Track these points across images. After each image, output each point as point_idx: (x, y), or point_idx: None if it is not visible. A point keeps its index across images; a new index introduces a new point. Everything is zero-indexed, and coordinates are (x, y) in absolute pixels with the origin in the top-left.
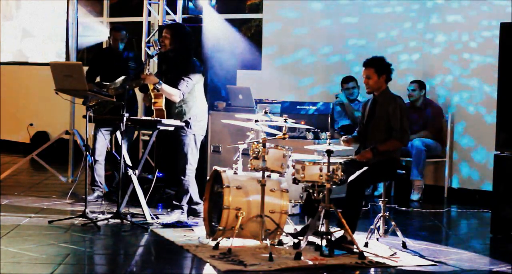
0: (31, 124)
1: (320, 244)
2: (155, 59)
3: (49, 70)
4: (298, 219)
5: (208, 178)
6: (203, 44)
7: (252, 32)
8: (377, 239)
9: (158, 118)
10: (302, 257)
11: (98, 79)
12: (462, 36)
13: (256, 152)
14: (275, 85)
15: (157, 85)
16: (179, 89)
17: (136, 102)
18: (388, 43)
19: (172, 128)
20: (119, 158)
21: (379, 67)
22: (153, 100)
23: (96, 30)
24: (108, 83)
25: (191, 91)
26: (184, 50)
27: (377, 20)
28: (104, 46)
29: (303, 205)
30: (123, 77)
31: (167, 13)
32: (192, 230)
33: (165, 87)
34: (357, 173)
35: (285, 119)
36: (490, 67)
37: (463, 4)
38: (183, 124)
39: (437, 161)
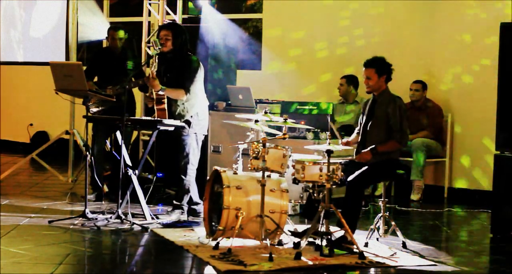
0: (31, 124)
1: (320, 244)
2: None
3: (49, 70)
4: (298, 219)
5: (208, 178)
6: (203, 44)
7: (251, 32)
8: (377, 239)
9: (158, 118)
10: (302, 257)
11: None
12: (464, 35)
13: (256, 152)
14: (275, 85)
15: (160, 91)
16: (183, 88)
17: (134, 103)
18: (389, 43)
19: (172, 129)
20: (119, 158)
21: (379, 67)
22: (155, 99)
23: (96, 28)
24: (107, 84)
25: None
26: (182, 49)
27: (377, 19)
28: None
29: (304, 209)
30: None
31: (167, 13)
32: (192, 230)
33: (168, 90)
34: (357, 172)
35: (285, 119)
36: (490, 67)
37: (465, 4)
38: (183, 124)
39: (437, 161)
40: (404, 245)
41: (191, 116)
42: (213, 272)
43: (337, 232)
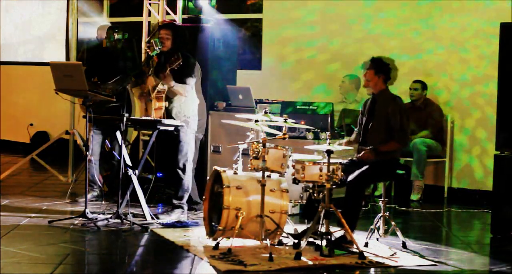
0: (31, 124)
1: (320, 244)
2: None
3: (49, 70)
4: (298, 219)
5: (208, 178)
6: (203, 44)
7: (252, 32)
8: (377, 239)
9: (158, 118)
10: (302, 257)
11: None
12: (464, 35)
13: (256, 152)
14: (275, 85)
15: (171, 83)
16: (187, 84)
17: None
18: (389, 43)
19: (172, 128)
20: (118, 158)
21: (377, 68)
22: (153, 99)
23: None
24: (106, 83)
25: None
26: (182, 49)
27: (377, 19)
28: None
29: (304, 209)
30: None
31: (167, 13)
32: (192, 230)
33: (176, 86)
34: (357, 172)
35: (285, 119)
36: (490, 67)
37: (465, 4)
38: (183, 124)
39: (437, 161)
40: (404, 245)
41: (188, 117)
42: (213, 272)
43: (336, 232)
